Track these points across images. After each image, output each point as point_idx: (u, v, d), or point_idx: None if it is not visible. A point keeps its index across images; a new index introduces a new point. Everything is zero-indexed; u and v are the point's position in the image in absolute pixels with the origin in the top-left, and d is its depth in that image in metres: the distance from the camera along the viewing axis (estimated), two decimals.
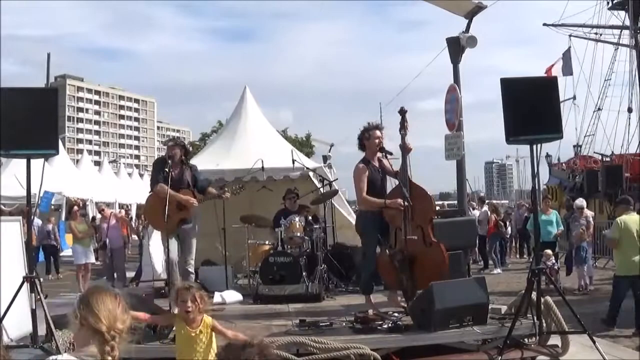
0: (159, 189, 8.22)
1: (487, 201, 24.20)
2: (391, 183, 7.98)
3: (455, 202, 18.02)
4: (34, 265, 7.43)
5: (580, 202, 14.17)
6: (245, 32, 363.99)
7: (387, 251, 7.64)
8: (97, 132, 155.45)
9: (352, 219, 11.17)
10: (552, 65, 31.11)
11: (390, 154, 7.82)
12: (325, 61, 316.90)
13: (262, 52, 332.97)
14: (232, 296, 9.17)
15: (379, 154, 7.95)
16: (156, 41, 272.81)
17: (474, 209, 18.99)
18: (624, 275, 8.93)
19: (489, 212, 18.23)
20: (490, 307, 6.99)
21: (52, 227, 19.11)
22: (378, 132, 7.94)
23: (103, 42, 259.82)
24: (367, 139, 7.92)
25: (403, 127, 7.64)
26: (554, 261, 12.24)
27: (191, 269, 8.38)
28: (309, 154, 36.19)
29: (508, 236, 20.45)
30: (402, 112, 7.70)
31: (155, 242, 10.69)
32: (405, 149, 7.61)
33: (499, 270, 16.90)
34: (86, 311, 2.64)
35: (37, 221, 19.27)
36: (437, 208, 16.77)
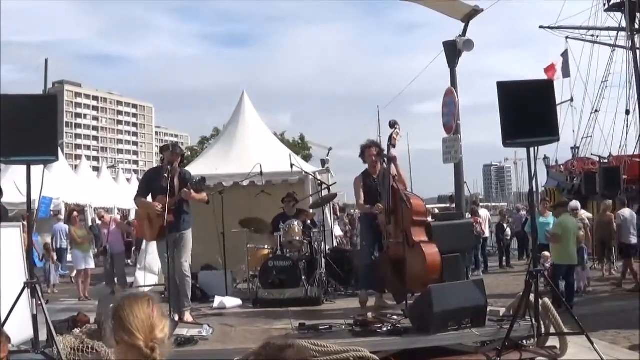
0: (136, 202, 8.80)
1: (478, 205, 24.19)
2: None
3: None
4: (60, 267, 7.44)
5: (575, 204, 14.20)
6: (242, 36, 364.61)
7: (372, 256, 8.04)
8: (96, 138, 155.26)
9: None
10: (552, 66, 31.09)
11: (387, 158, 8.05)
12: (323, 64, 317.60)
13: (258, 56, 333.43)
14: (231, 302, 9.20)
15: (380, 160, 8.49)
16: (153, 47, 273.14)
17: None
18: (562, 264, 10.81)
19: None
20: (488, 309, 7.03)
21: None
22: (372, 150, 8.70)
23: (99, 48, 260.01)
24: (364, 156, 8.74)
25: (390, 138, 8.13)
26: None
27: (187, 272, 8.25)
28: (306, 157, 36.21)
29: (508, 237, 20.47)
30: (392, 125, 8.23)
31: (153, 248, 10.71)
32: (390, 159, 8.05)
33: (478, 273, 16.72)
34: (119, 327, 2.50)
35: (62, 226, 19.23)
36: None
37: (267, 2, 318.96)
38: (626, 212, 14.23)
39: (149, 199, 8.44)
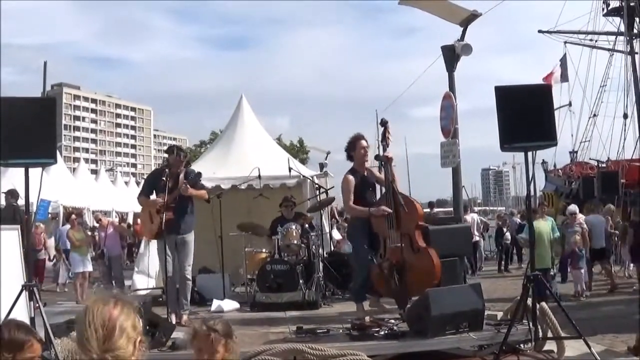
0: (139, 201, 8.74)
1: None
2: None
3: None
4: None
5: (573, 208, 14.25)
6: (240, 39, 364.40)
7: (374, 260, 7.81)
8: (94, 141, 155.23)
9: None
10: (552, 74, 31.07)
11: (383, 160, 7.95)
12: (321, 67, 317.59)
13: (257, 58, 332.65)
14: (229, 305, 9.21)
15: (375, 162, 8.18)
16: (152, 49, 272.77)
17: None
18: (536, 267, 10.34)
19: None
20: (486, 313, 7.04)
21: None
22: (363, 142, 8.24)
23: (98, 50, 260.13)
24: (353, 149, 8.20)
25: (384, 138, 7.91)
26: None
27: (188, 275, 8.35)
28: (303, 161, 36.24)
29: (508, 242, 20.46)
30: (383, 123, 7.96)
31: (152, 251, 10.73)
32: (386, 160, 7.87)
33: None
34: (77, 339, 2.31)
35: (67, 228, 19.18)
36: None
37: (266, 5, 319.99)
38: (591, 217, 14.53)
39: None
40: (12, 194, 12.87)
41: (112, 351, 2.21)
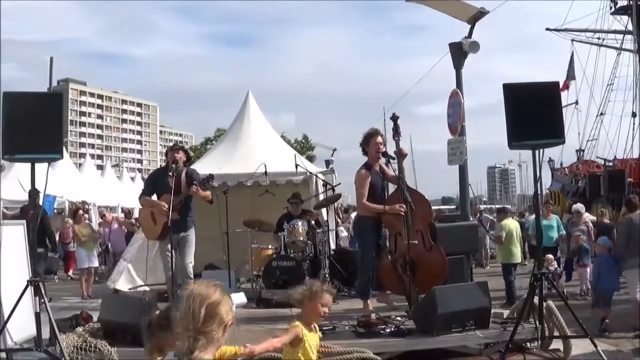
0: (140, 201, 8.72)
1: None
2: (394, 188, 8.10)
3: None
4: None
5: (578, 207, 14.18)
6: (246, 36, 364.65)
7: (388, 256, 7.71)
8: (100, 136, 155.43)
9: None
10: (566, 83, 31.05)
11: (393, 158, 7.90)
12: (327, 66, 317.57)
13: (263, 57, 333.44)
14: (237, 298, 9.19)
15: (381, 160, 8.12)
16: (158, 46, 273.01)
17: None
18: (507, 262, 11.99)
19: None
20: (492, 311, 7.02)
21: None
22: (378, 138, 8.17)
23: (104, 46, 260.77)
24: (367, 144, 8.14)
25: (397, 133, 7.86)
26: (556, 266, 12.25)
27: (190, 272, 8.31)
28: (309, 158, 36.25)
29: None
30: (394, 118, 7.94)
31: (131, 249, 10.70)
32: (400, 154, 7.74)
33: None
34: (176, 320, 2.74)
35: None
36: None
37: (272, 3, 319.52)
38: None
39: (154, 198, 8.45)
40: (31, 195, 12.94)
41: (206, 333, 2.65)
